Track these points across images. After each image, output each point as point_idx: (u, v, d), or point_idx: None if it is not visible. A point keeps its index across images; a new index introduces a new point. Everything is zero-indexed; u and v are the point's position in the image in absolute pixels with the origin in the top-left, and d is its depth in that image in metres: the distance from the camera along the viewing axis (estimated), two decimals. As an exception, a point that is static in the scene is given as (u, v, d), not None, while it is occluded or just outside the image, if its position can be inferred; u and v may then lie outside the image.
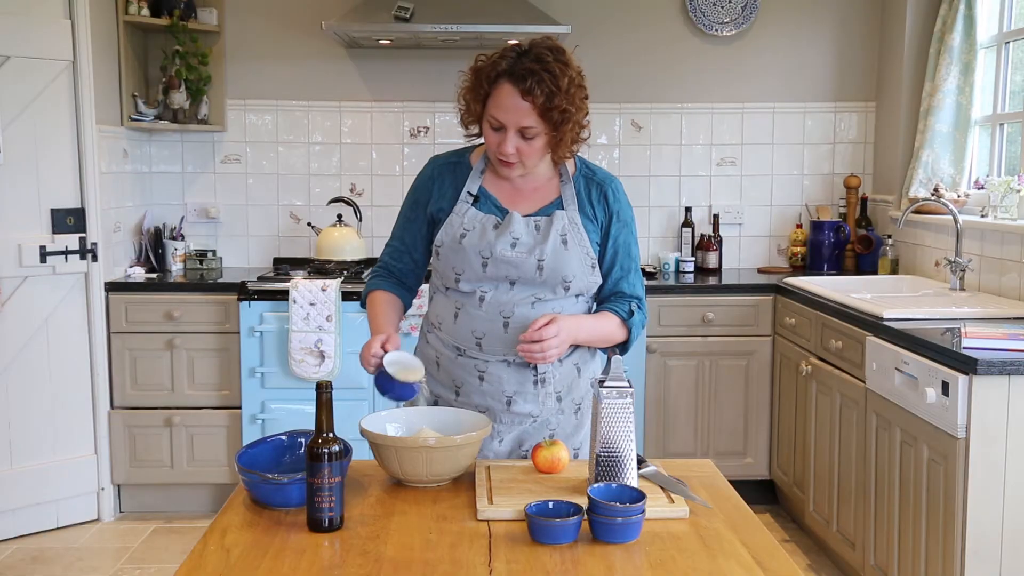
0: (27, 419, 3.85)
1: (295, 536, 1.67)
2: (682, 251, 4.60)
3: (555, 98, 1.97)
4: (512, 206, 2.13)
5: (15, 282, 3.78)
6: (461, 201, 2.13)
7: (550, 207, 2.13)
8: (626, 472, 1.81)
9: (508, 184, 2.15)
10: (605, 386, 1.82)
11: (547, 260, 2.08)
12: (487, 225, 2.10)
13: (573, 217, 2.12)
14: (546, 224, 2.10)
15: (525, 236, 2.08)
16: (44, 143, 3.80)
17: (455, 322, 2.14)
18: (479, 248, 2.08)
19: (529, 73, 1.97)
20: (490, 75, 2.02)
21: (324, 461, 1.65)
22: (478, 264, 2.08)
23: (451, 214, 2.13)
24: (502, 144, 2.03)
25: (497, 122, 2.02)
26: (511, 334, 2.09)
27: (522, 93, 1.97)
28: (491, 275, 2.09)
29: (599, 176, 2.19)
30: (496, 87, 2.01)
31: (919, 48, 4.27)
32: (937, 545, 2.73)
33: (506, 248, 2.07)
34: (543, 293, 2.11)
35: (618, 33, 4.58)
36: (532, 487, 1.86)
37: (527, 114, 1.99)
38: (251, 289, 3.99)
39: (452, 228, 2.12)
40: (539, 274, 2.08)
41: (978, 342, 2.65)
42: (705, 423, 4.16)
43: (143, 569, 3.61)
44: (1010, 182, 3.53)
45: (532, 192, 2.15)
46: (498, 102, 2.01)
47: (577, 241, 2.10)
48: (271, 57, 4.54)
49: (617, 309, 2.16)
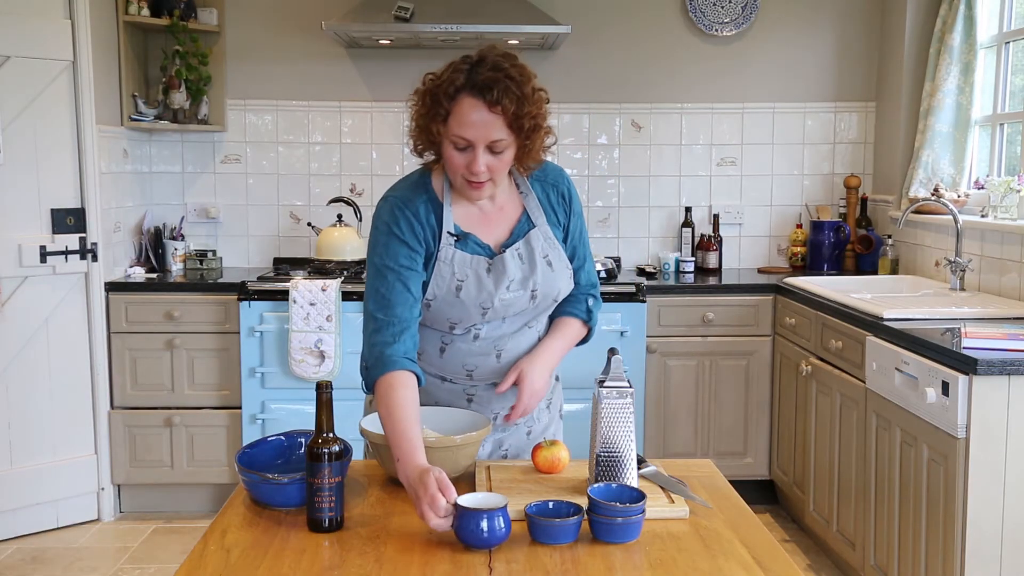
0: (27, 419, 3.85)
1: (295, 536, 1.67)
2: (682, 251, 4.60)
3: (524, 105, 1.84)
4: (487, 234, 2.01)
5: (15, 282, 3.78)
6: (444, 245, 1.96)
7: (521, 226, 2.03)
8: (626, 472, 1.81)
9: (476, 210, 2.01)
10: (605, 386, 1.81)
11: (539, 288, 2.02)
12: (480, 272, 1.97)
13: (547, 232, 2.04)
14: (527, 251, 2.01)
15: (517, 273, 1.99)
16: (44, 143, 3.80)
17: (441, 356, 2.06)
18: (479, 300, 1.97)
19: (492, 82, 1.82)
20: (448, 92, 1.85)
21: (324, 461, 1.65)
22: (478, 315, 1.99)
23: (437, 262, 1.96)
24: (472, 164, 1.87)
25: (464, 141, 1.86)
26: (503, 363, 2.05)
27: (489, 105, 1.82)
28: (489, 318, 2.02)
29: (551, 177, 2.08)
30: (457, 104, 1.85)
31: (919, 48, 4.27)
32: (937, 545, 2.73)
33: (504, 294, 1.99)
34: (534, 319, 2.08)
35: (618, 33, 4.58)
36: (532, 487, 1.85)
37: (497, 127, 1.84)
38: (251, 289, 3.99)
39: (444, 280, 1.96)
40: (533, 302, 2.03)
41: (978, 342, 2.65)
42: (705, 423, 4.16)
43: (143, 569, 3.61)
44: (1010, 182, 3.53)
45: (499, 213, 2.03)
46: (462, 119, 1.84)
47: (558, 257, 2.05)
48: (271, 57, 4.54)
49: (575, 312, 2.13)
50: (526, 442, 2.17)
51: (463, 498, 1.63)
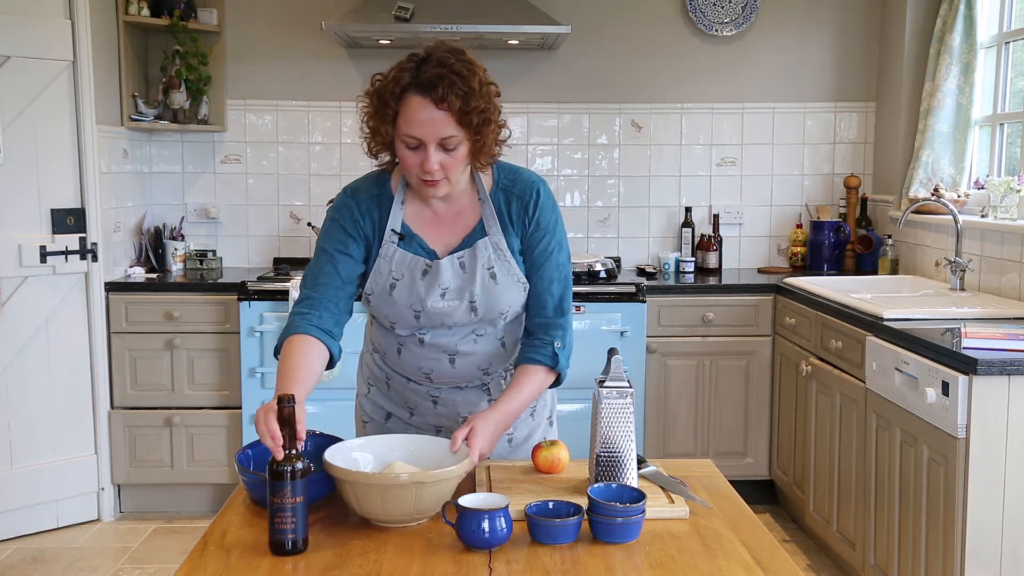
0: (27, 419, 3.85)
1: (295, 536, 1.66)
2: (682, 251, 4.60)
3: (471, 100, 1.82)
4: (436, 238, 1.99)
5: (15, 282, 3.78)
6: (387, 242, 1.97)
7: (473, 234, 1.98)
8: (626, 472, 1.81)
9: (429, 212, 1.99)
10: (605, 386, 1.81)
11: (478, 300, 1.96)
12: (415, 273, 1.96)
13: (497, 242, 1.97)
14: (470, 260, 1.96)
15: (452, 281, 1.95)
16: (44, 143, 3.80)
17: (399, 356, 2.07)
18: (409, 302, 1.96)
19: (437, 79, 1.80)
20: (395, 92, 1.84)
21: (286, 479, 1.57)
22: (410, 316, 1.98)
23: (378, 258, 1.97)
24: (425, 162, 1.85)
25: (414, 140, 1.84)
26: (459, 368, 2.04)
27: (435, 102, 1.81)
28: (424, 323, 1.99)
29: (519, 187, 2.01)
30: (404, 103, 1.84)
31: (919, 48, 4.27)
32: (937, 545, 2.73)
33: (436, 301, 1.95)
34: (481, 328, 2.03)
35: (618, 33, 4.58)
36: (532, 487, 1.85)
37: (445, 123, 1.82)
38: (251, 289, 3.99)
39: (381, 276, 1.97)
40: (473, 315, 1.98)
41: (978, 342, 2.65)
42: (705, 423, 4.16)
43: (143, 569, 3.61)
44: (1010, 182, 3.53)
45: (454, 218, 2.00)
46: (410, 118, 1.83)
47: (505, 271, 1.98)
48: (271, 57, 4.54)
49: (538, 358, 2.00)
50: (508, 449, 2.15)
51: (464, 499, 1.64)
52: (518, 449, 2.15)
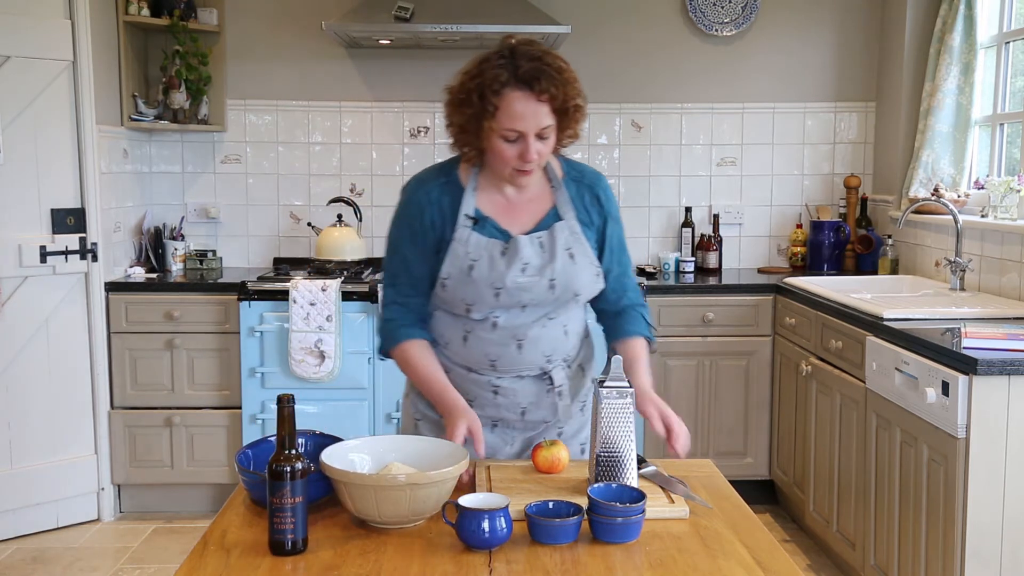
0: (27, 419, 3.85)
1: (295, 536, 1.66)
2: (682, 251, 4.60)
3: (567, 91, 1.93)
4: (510, 223, 2.05)
5: (15, 282, 3.78)
6: (461, 227, 2.03)
7: (548, 219, 2.07)
8: (626, 472, 1.81)
9: (502, 198, 2.07)
10: (605, 386, 1.82)
11: (559, 278, 2.02)
12: (494, 252, 2.01)
13: (573, 227, 2.06)
14: (549, 240, 2.04)
15: (533, 258, 2.01)
16: (44, 143, 3.80)
17: (464, 344, 2.08)
18: (490, 280, 2.00)
19: (537, 72, 1.89)
20: (494, 88, 1.90)
21: (286, 480, 1.56)
22: (490, 296, 2.01)
23: (453, 242, 2.02)
24: (526, 153, 1.93)
25: (515, 133, 1.92)
26: (525, 354, 2.06)
27: (536, 95, 1.90)
28: (504, 303, 2.02)
29: (587, 178, 2.13)
30: (503, 98, 1.90)
31: (919, 48, 4.27)
32: (937, 545, 2.73)
33: (517, 275, 2.00)
34: (554, 311, 2.07)
35: (618, 33, 4.58)
36: (532, 487, 1.85)
37: (544, 114, 1.92)
38: (251, 289, 3.99)
39: (458, 259, 2.02)
40: (551, 292, 2.03)
41: (978, 342, 2.65)
42: (705, 423, 4.16)
43: (143, 569, 3.61)
44: (1010, 182, 3.53)
45: (527, 204, 2.08)
46: (511, 112, 1.90)
47: (582, 252, 2.06)
48: (271, 57, 4.54)
49: (640, 331, 2.14)
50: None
51: (464, 498, 1.64)
52: (569, 443, 2.16)
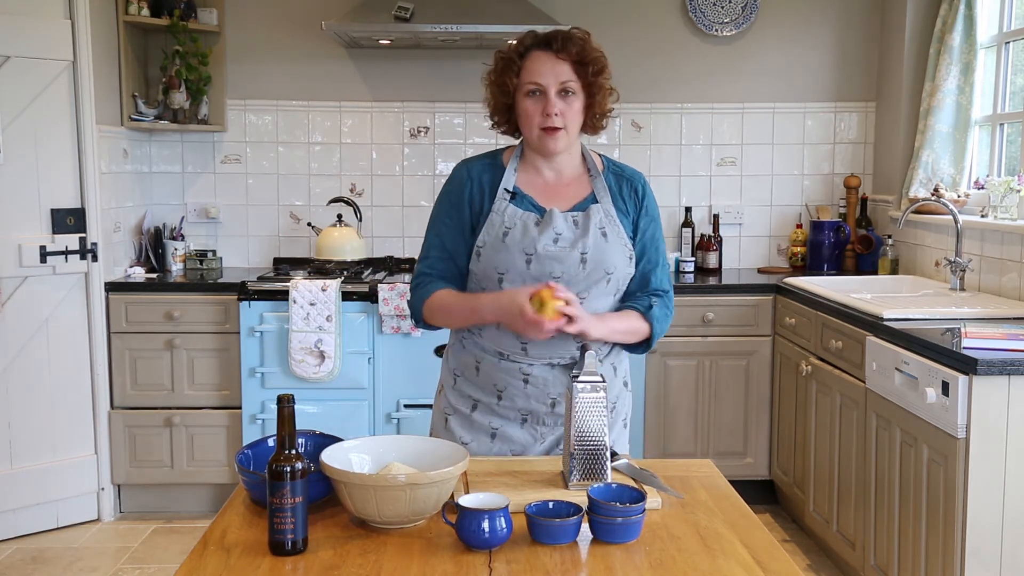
0: (27, 419, 3.85)
1: (295, 536, 1.66)
2: (682, 251, 4.59)
3: (586, 50, 2.10)
4: (547, 202, 2.14)
5: (15, 282, 3.78)
6: (499, 199, 2.14)
7: (584, 203, 2.15)
8: (601, 465, 1.83)
9: (541, 180, 2.18)
10: (579, 381, 1.86)
11: (590, 252, 2.09)
12: (528, 222, 2.10)
13: (608, 210, 2.15)
14: (584, 219, 2.12)
15: (566, 231, 2.09)
16: (44, 143, 3.80)
17: (498, 327, 2.12)
18: (522, 245, 2.08)
19: (558, 35, 2.11)
20: (519, 51, 2.12)
21: (286, 480, 1.56)
22: (522, 262, 2.07)
23: (491, 213, 2.12)
24: (547, 106, 2.08)
25: (535, 85, 2.08)
26: (557, 337, 2.07)
27: (556, 53, 2.09)
28: (535, 273, 2.07)
29: (628, 172, 2.26)
30: (527, 58, 2.11)
31: (919, 48, 4.27)
32: (937, 545, 2.73)
33: (549, 243, 2.07)
34: (585, 290, 2.10)
35: (618, 33, 4.58)
36: (507, 480, 1.87)
37: (564, 70, 2.09)
38: (251, 289, 3.99)
39: (493, 227, 2.11)
40: (583, 267, 2.08)
41: (978, 342, 2.65)
42: (705, 423, 4.16)
43: (143, 569, 3.61)
44: (1010, 182, 3.53)
45: (565, 188, 2.18)
46: (533, 68, 2.09)
47: (616, 233, 2.13)
48: (271, 57, 4.54)
49: (635, 305, 2.17)
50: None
51: (464, 498, 1.64)
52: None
